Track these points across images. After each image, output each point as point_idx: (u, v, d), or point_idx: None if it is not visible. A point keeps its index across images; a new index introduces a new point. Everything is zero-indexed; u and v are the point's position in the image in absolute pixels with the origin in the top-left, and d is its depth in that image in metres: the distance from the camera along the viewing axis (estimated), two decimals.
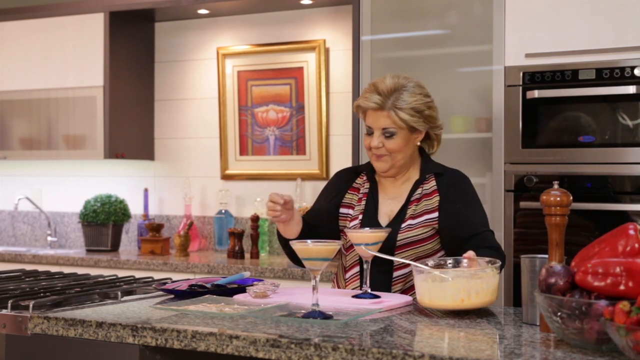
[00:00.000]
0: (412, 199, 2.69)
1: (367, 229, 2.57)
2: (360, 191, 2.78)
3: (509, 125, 3.53)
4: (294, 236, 2.68)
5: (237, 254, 4.43)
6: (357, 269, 2.70)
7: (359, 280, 2.69)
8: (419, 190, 2.70)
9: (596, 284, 1.77)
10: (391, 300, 2.40)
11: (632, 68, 3.33)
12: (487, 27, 3.62)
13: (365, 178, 2.80)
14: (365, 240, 2.44)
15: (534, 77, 3.49)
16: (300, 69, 4.67)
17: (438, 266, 2.35)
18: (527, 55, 3.50)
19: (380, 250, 2.45)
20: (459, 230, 2.61)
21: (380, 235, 2.46)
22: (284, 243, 2.72)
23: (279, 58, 4.73)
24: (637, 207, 3.32)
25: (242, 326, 2.04)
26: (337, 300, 2.39)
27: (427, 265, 2.32)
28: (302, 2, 4.53)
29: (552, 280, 1.88)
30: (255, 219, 4.51)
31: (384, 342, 1.87)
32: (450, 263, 2.35)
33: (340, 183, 2.83)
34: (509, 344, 1.92)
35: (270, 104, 4.78)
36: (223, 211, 4.77)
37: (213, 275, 4.11)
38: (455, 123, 3.78)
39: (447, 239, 2.64)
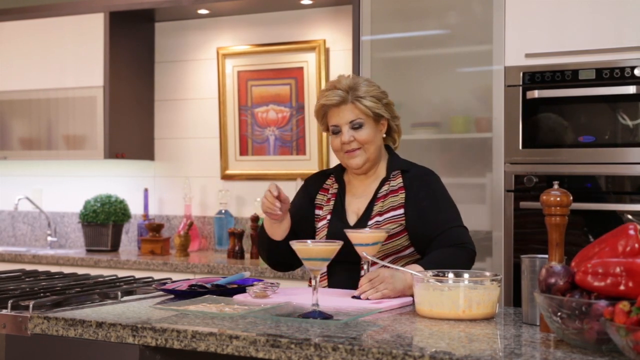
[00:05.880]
0: (379, 195, 2.70)
1: (367, 229, 2.57)
2: (330, 192, 2.81)
3: (509, 125, 3.53)
4: (280, 237, 2.67)
5: (237, 254, 4.43)
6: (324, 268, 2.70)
7: (326, 280, 2.70)
8: (385, 187, 2.71)
9: (596, 284, 1.77)
10: (391, 300, 2.40)
11: (632, 68, 3.33)
12: (487, 27, 3.62)
13: (334, 179, 2.82)
14: (364, 241, 2.44)
15: (534, 77, 3.49)
16: (300, 69, 4.67)
17: (438, 276, 2.29)
18: (527, 55, 3.50)
19: (350, 249, 2.44)
20: (425, 229, 2.61)
21: (379, 235, 2.46)
22: (266, 241, 2.71)
23: (279, 58, 4.73)
24: (637, 207, 3.32)
25: (242, 326, 2.04)
26: (337, 300, 2.39)
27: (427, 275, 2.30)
28: (302, 2, 4.53)
29: (552, 280, 1.88)
30: (255, 219, 4.51)
31: (384, 342, 1.87)
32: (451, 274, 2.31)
33: (311, 185, 2.86)
34: (509, 344, 1.92)
35: (270, 104, 4.78)
36: (223, 211, 4.77)
37: (213, 275, 4.11)
38: (455, 123, 3.78)
39: (414, 237, 2.64)
